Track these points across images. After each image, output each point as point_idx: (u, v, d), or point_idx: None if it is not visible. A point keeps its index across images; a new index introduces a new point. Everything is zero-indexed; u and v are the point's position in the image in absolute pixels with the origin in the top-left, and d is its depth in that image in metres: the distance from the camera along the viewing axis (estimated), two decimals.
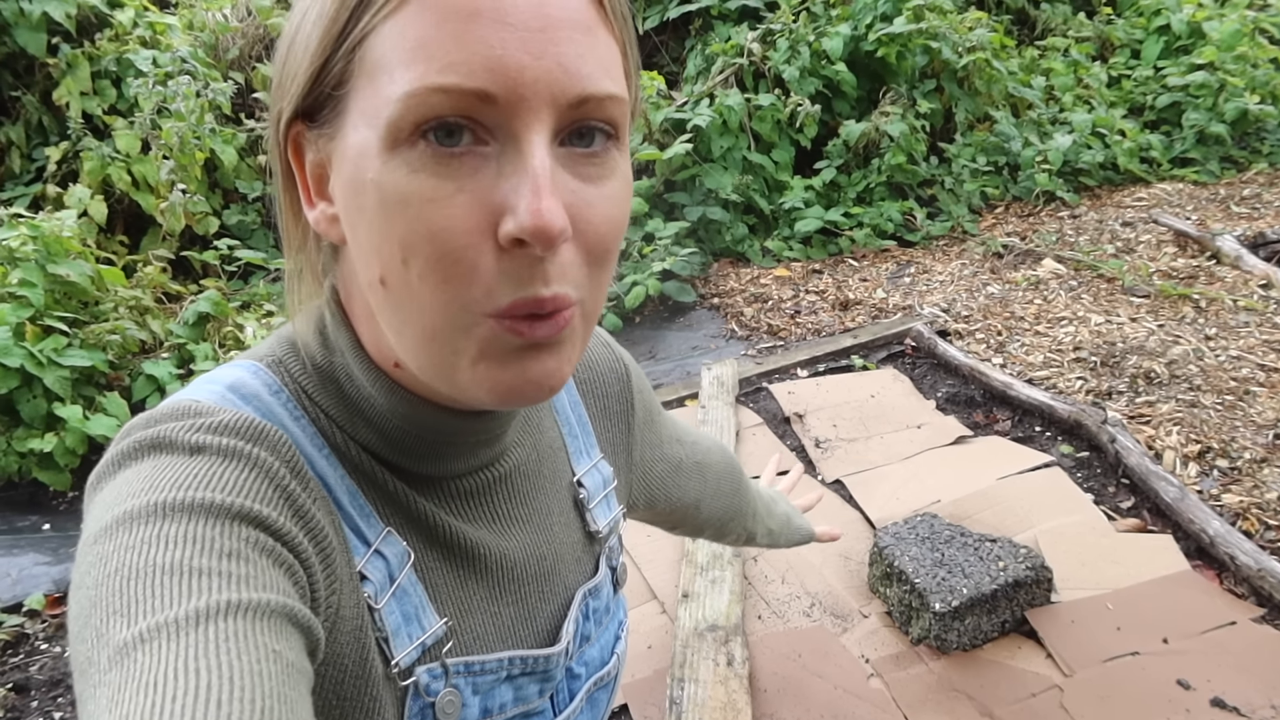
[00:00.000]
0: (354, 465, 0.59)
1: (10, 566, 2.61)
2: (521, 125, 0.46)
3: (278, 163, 0.56)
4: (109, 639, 0.41)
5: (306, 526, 0.51)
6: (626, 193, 0.53)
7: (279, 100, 0.53)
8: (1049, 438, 2.93)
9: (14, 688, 2.22)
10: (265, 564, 0.46)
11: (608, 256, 0.52)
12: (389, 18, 0.46)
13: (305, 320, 0.60)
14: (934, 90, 5.33)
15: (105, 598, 0.42)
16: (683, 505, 0.97)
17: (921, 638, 2.10)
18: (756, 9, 5.73)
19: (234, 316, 3.57)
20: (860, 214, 4.93)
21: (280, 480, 0.51)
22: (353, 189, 0.49)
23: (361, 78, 0.47)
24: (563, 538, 0.72)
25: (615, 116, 0.50)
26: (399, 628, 0.59)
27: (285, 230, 0.59)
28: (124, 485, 0.48)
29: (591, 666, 0.75)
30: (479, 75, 0.44)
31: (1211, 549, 2.27)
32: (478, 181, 0.46)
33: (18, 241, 3.17)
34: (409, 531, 0.61)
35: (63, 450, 2.95)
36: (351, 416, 0.59)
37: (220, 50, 4.83)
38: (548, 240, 0.45)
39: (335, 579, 0.53)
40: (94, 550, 0.45)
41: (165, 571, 0.43)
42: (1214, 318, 3.56)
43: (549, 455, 0.73)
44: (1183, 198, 4.98)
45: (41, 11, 4.35)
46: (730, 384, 3.36)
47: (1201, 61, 5.67)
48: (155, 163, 4.13)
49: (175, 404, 0.54)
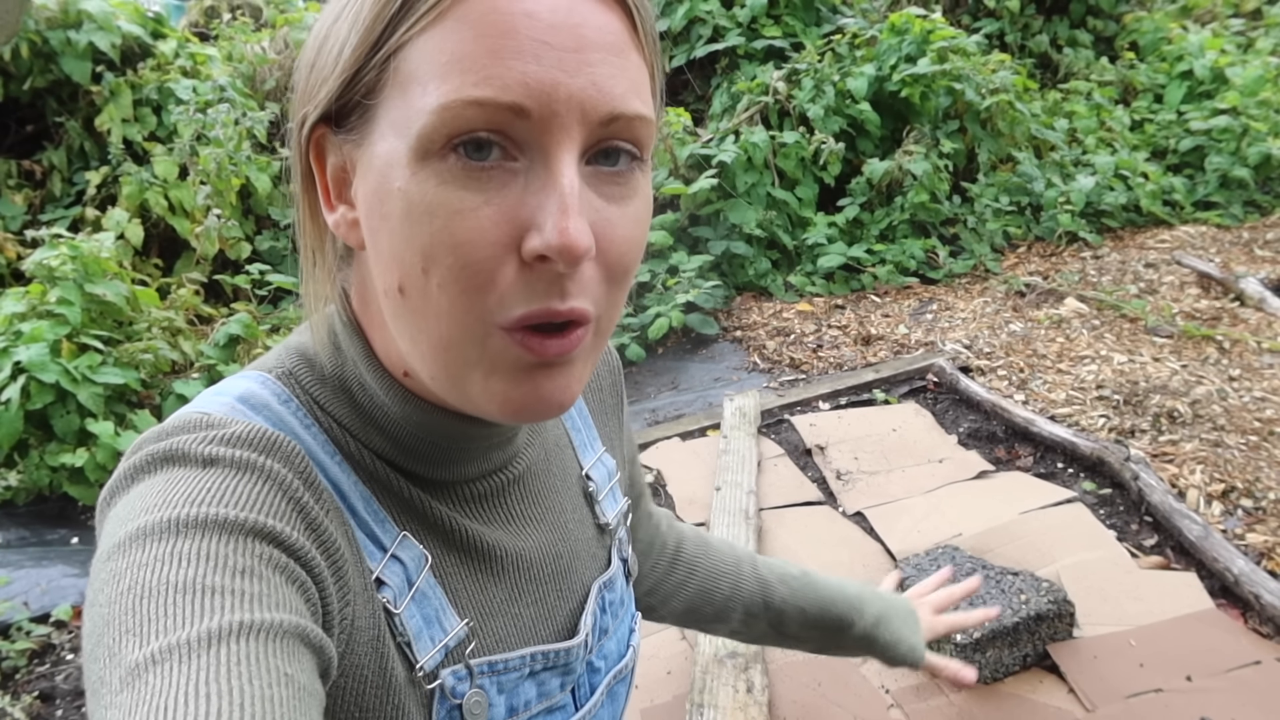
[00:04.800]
0: (368, 472, 0.59)
1: (40, 577, 2.65)
2: (552, 141, 0.47)
3: (298, 164, 0.56)
4: (121, 659, 0.41)
5: (319, 539, 0.51)
6: (647, 213, 0.54)
7: (304, 103, 0.54)
8: (1071, 474, 2.93)
9: (40, 696, 2.25)
10: (278, 581, 0.46)
11: (626, 275, 0.53)
12: (425, 31, 0.47)
13: (316, 329, 0.60)
14: (957, 130, 5.38)
15: (118, 616, 0.42)
16: (639, 498, 0.94)
17: None
18: (782, 49, 5.82)
19: (263, 339, 3.63)
20: (883, 251, 4.96)
21: (293, 492, 0.51)
22: (378, 197, 0.50)
23: (393, 88, 0.48)
24: (576, 534, 0.73)
25: (642, 137, 0.51)
26: (420, 631, 0.59)
27: (302, 230, 0.60)
28: (137, 500, 0.48)
29: (610, 660, 0.76)
30: (514, 90, 0.45)
31: (1236, 588, 2.26)
32: (505, 196, 0.47)
33: (58, 261, 3.26)
34: (425, 535, 0.61)
35: (93, 465, 3.00)
36: (364, 424, 0.59)
37: (258, 81, 4.95)
38: (573, 259, 0.46)
39: (348, 590, 0.53)
40: (107, 567, 0.45)
41: (178, 590, 0.43)
42: (1238, 359, 3.55)
43: (556, 452, 0.74)
44: (1206, 240, 4.98)
45: (88, 41, 4.48)
46: (752, 415, 3.37)
47: (1225, 106, 5.69)
48: (192, 188, 4.22)
49: (186, 416, 0.54)
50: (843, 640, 1.06)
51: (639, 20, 0.51)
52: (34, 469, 3.01)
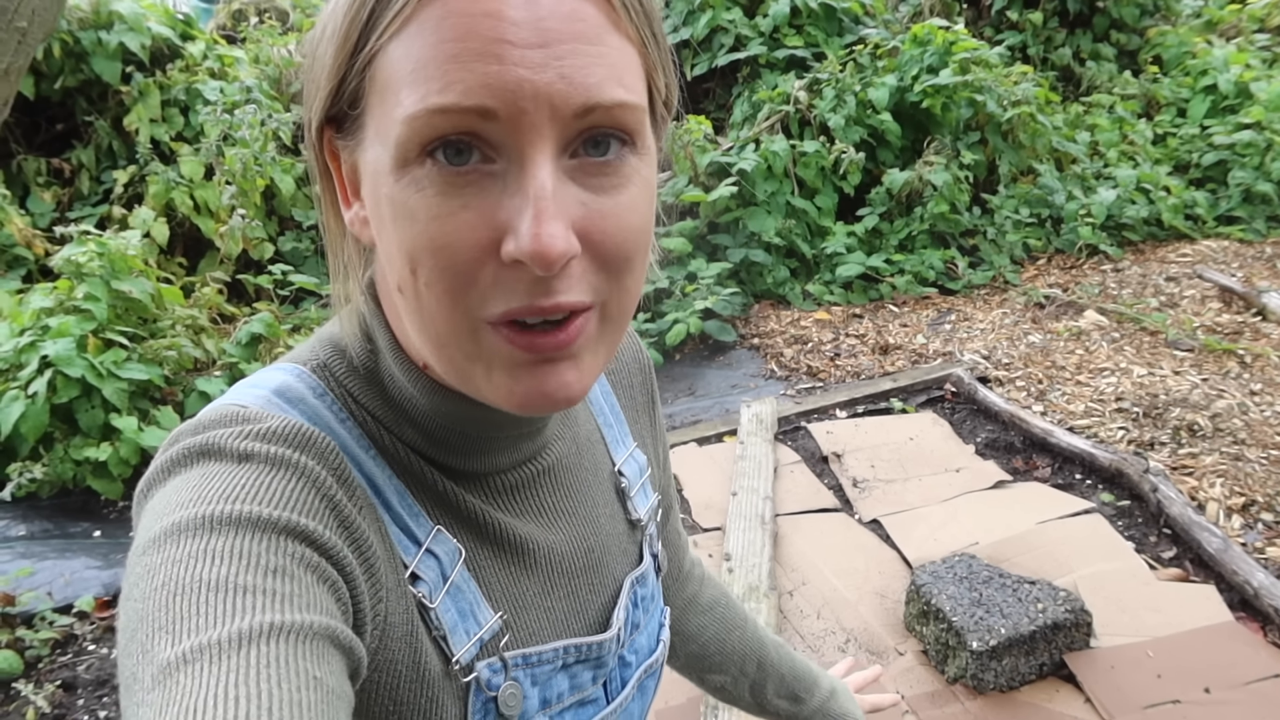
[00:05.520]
0: (401, 466, 0.59)
1: (63, 569, 2.68)
2: (524, 141, 0.46)
3: (316, 163, 0.57)
4: (154, 656, 0.41)
5: (351, 536, 0.51)
6: (647, 199, 0.52)
7: (308, 108, 0.54)
8: (1089, 486, 2.92)
9: (62, 685, 2.28)
10: (310, 580, 0.46)
11: (629, 263, 0.51)
12: (394, 38, 0.46)
13: (347, 321, 0.60)
14: (978, 142, 5.38)
15: (152, 612, 0.43)
16: (668, 509, 0.93)
17: (958, 677, 2.09)
18: (804, 59, 5.83)
19: (285, 338, 3.66)
20: (902, 261, 4.96)
21: (327, 489, 0.51)
22: (373, 200, 0.50)
23: (374, 96, 0.48)
24: (608, 528, 0.73)
25: (628, 123, 0.49)
26: (455, 625, 0.59)
27: (326, 226, 0.60)
28: (173, 494, 0.49)
29: (641, 654, 0.76)
30: (477, 92, 0.44)
31: (1256, 601, 2.25)
32: (483, 199, 0.47)
33: (85, 258, 3.30)
34: (459, 529, 0.61)
35: (116, 460, 3.04)
36: (396, 417, 0.59)
37: (284, 83, 5.01)
38: (546, 264, 0.45)
39: (380, 587, 0.53)
40: (143, 562, 0.45)
41: (211, 588, 0.43)
42: (1259, 373, 3.53)
43: (588, 447, 0.74)
44: (1228, 255, 4.96)
45: (118, 42, 4.55)
46: (769, 422, 3.38)
47: (1249, 121, 5.67)
48: (217, 188, 4.27)
49: (222, 409, 0.54)
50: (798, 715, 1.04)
51: None
52: (58, 462, 3.04)
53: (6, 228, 4.07)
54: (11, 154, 4.65)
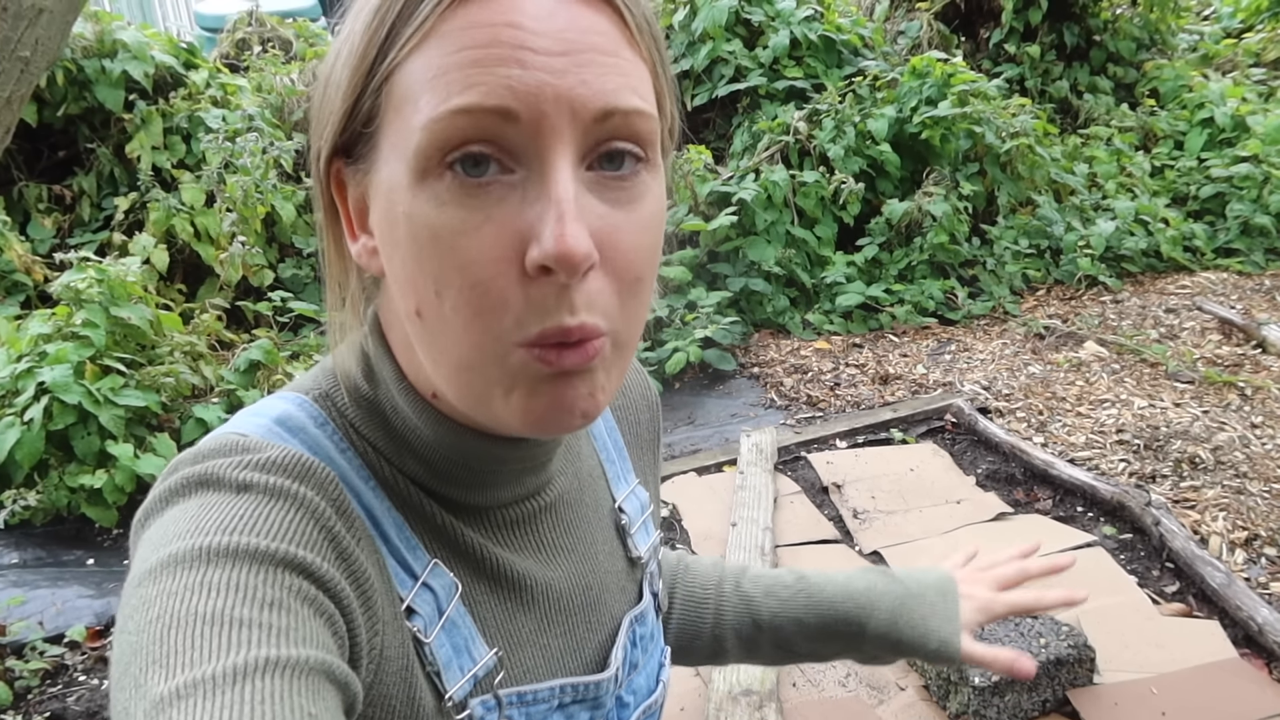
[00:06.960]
0: (401, 498, 0.58)
1: (55, 598, 2.65)
2: (545, 146, 0.46)
3: (320, 197, 0.57)
4: (147, 690, 0.41)
5: (349, 569, 0.51)
6: (658, 217, 0.52)
7: (317, 139, 0.54)
8: (1091, 518, 2.90)
9: (51, 717, 2.24)
10: (307, 614, 0.46)
11: (639, 284, 0.51)
12: (414, 53, 0.47)
13: (349, 352, 0.60)
14: (977, 173, 5.40)
15: (146, 645, 0.42)
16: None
17: (960, 713, 2.06)
18: (803, 89, 5.87)
19: (284, 365, 3.65)
20: (901, 291, 4.97)
21: (325, 521, 0.51)
22: (387, 222, 0.50)
23: (390, 111, 0.48)
24: (607, 566, 0.72)
25: (643, 133, 0.49)
26: (450, 660, 0.58)
27: (328, 261, 0.60)
28: (171, 525, 0.48)
29: (639, 695, 0.74)
30: (498, 93, 0.45)
31: (1260, 637, 2.22)
32: (504, 209, 0.46)
33: (84, 284, 3.29)
34: (456, 563, 0.60)
35: (112, 487, 3.01)
36: (398, 448, 0.59)
37: (286, 112, 5.03)
38: (571, 267, 0.45)
39: (377, 620, 0.53)
40: (138, 593, 0.45)
41: (206, 621, 0.43)
42: (1260, 406, 3.52)
43: (589, 483, 0.73)
44: (1227, 287, 4.96)
45: (122, 70, 4.57)
46: (769, 451, 3.36)
47: (1246, 154, 5.70)
48: (218, 215, 4.28)
49: (223, 438, 0.54)
50: (862, 645, 0.88)
51: (629, 17, 0.50)
52: (53, 489, 3.02)
53: (6, 254, 4.07)
54: (13, 180, 4.66)
